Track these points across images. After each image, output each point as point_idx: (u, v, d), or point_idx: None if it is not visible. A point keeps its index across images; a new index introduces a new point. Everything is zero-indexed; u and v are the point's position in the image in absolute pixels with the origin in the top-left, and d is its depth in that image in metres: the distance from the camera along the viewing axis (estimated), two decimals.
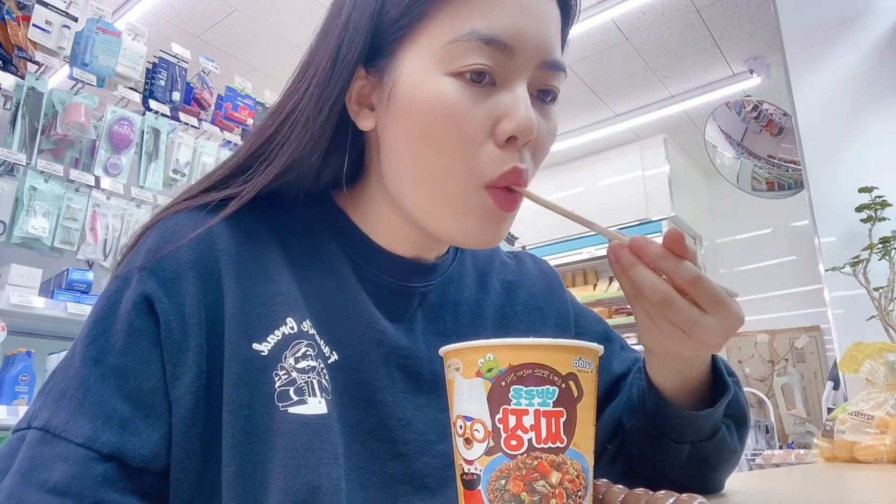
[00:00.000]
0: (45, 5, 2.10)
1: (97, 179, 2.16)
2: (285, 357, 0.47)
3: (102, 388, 0.45)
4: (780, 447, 3.60)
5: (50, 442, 0.43)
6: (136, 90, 2.35)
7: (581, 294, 5.43)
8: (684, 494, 0.41)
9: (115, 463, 0.43)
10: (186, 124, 2.49)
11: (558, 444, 0.37)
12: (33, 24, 2.06)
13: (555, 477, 0.37)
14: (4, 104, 2.05)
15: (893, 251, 1.64)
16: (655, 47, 4.04)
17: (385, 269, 0.56)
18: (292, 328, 0.49)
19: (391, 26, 0.50)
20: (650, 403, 0.56)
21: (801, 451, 2.04)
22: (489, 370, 0.38)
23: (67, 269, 2.09)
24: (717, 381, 0.56)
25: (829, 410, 1.85)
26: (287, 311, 0.49)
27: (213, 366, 0.47)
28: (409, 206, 0.53)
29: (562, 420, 0.37)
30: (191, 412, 0.46)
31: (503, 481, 0.37)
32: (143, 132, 2.33)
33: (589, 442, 0.39)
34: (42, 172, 2.02)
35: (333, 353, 0.51)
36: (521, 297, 0.67)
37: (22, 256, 2.02)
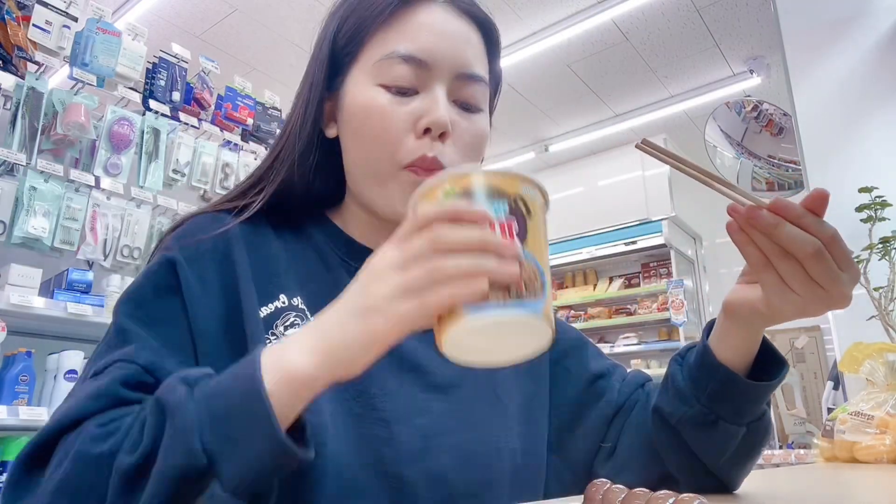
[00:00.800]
0: (45, 5, 2.10)
1: (97, 179, 2.16)
2: (276, 325, 0.58)
3: (138, 329, 0.53)
4: (780, 447, 3.60)
5: (95, 377, 0.50)
6: (136, 90, 2.35)
7: (581, 294, 5.42)
8: (684, 494, 0.41)
9: (150, 377, 0.50)
10: (186, 124, 2.49)
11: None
12: (33, 24, 2.06)
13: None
14: (4, 104, 2.05)
15: (893, 251, 1.64)
16: (655, 47, 4.04)
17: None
18: (284, 302, 0.59)
19: (341, 52, 0.64)
20: (714, 383, 0.57)
21: (801, 451, 2.04)
22: (447, 195, 0.43)
23: (67, 269, 2.09)
24: (768, 356, 0.59)
25: (829, 410, 1.85)
26: (280, 289, 0.60)
27: (230, 327, 0.56)
28: (360, 193, 0.65)
29: (514, 229, 0.42)
30: (217, 352, 0.54)
31: None
32: (143, 132, 2.33)
33: (543, 257, 0.43)
34: (42, 172, 2.02)
35: None
36: None
37: (22, 256, 2.02)
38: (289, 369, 0.42)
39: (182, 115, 2.47)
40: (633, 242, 4.97)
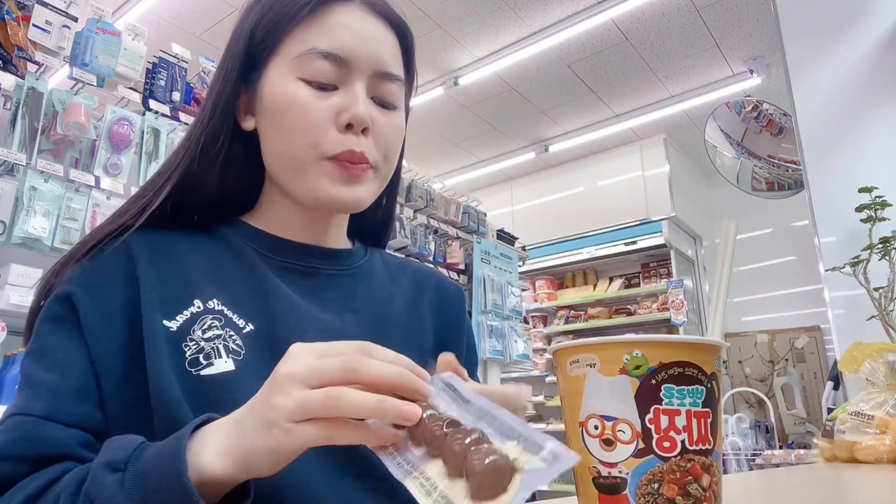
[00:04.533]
0: (45, 5, 2.09)
1: (97, 179, 2.16)
2: (193, 331, 0.57)
3: (34, 368, 0.54)
4: (780, 447, 3.59)
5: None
6: (136, 90, 2.35)
7: (581, 294, 5.42)
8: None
9: (51, 424, 0.50)
10: (186, 124, 2.49)
11: (707, 447, 0.36)
12: (33, 24, 2.05)
13: (706, 480, 0.36)
14: (4, 104, 2.05)
15: (893, 251, 1.64)
16: (655, 47, 4.04)
17: (287, 254, 0.67)
18: (199, 307, 0.59)
19: (258, 47, 0.65)
20: None
21: (801, 451, 2.04)
22: (637, 367, 0.36)
23: None
24: None
25: (829, 410, 1.85)
26: (194, 295, 0.60)
27: (136, 342, 0.56)
28: (283, 183, 0.65)
29: (709, 421, 0.36)
30: (122, 379, 0.55)
31: (656, 485, 0.35)
32: (143, 132, 2.32)
33: (721, 444, 0.38)
34: (42, 172, 2.02)
35: (248, 324, 0.60)
36: (428, 296, 0.77)
37: (22, 256, 2.02)
38: (202, 470, 0.41)
39: (182, 115, 2.47)
40: (633, 242, 4.97)
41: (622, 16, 3.72)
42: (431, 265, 3.11)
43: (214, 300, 0.60)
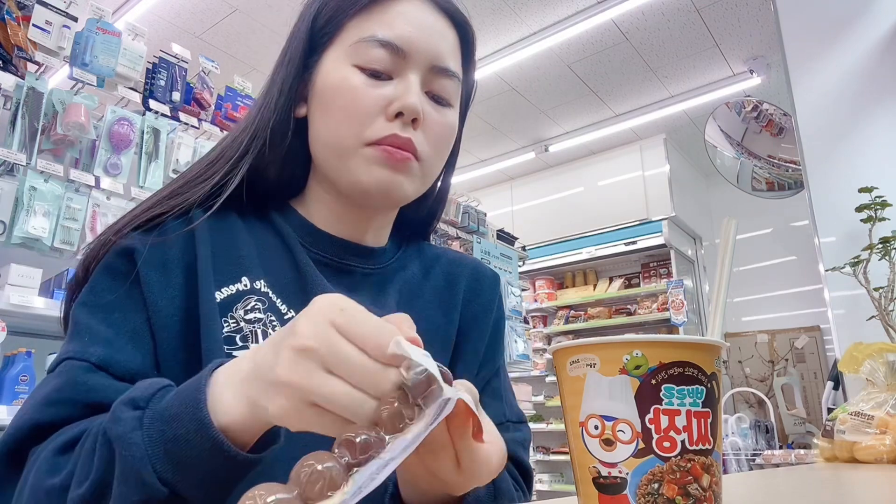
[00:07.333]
0: (45, 5, 2.09)
1: (97, 179, 2.16)
2: (236, 309, 0.58)
3: (89, 319, 0.54)
4: (780, 447, 3.59)
5: (51, 373, 0.52)
6: (136, 90, 2.35)
7: (581, 294, 5.42)
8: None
9: (104, 373, 0.51)
10: (186, 124, 2.49)
11: (706, 447, 0.36)
12: (33, 24, 2.05)
13: (706, 480, 0.36)
14: (4, 104, 2.04)
15: (893, 251, 1.64)
16: (655, 47, 4.04)
17: (326, 249, 0.67)
18: (246, 285, 0.60)
19: (319, 33, 0.66)
20: None
21: (801, 451, 2.04)
22: (637, 367, 0.36)
23: (67, 269, 2.08)
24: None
25: (829, 410, 1.85)
26: (243, 272, 0.61)
27: (191, 311, 0.57)
28: (327, 171, 0.65)
29: (709, 421, 0.36)
30: (176, 340, 0.55)
31: (656, 485, 0.35)
32: (143, 132, 2.32)
33: (721, 444, 0.38)
34: (42, 172, 2.02)
35: (291, 310, 0.61)
36: (462, 286, 0.75)
37: (22, 256, 2.02)
38: (225, 413, 0.40)
39: (182, 115, 2.47)
40: (633, 242, 4.97)
41: (622, 16, 3.72)
42: None
43: (261, 281, 0.61)
